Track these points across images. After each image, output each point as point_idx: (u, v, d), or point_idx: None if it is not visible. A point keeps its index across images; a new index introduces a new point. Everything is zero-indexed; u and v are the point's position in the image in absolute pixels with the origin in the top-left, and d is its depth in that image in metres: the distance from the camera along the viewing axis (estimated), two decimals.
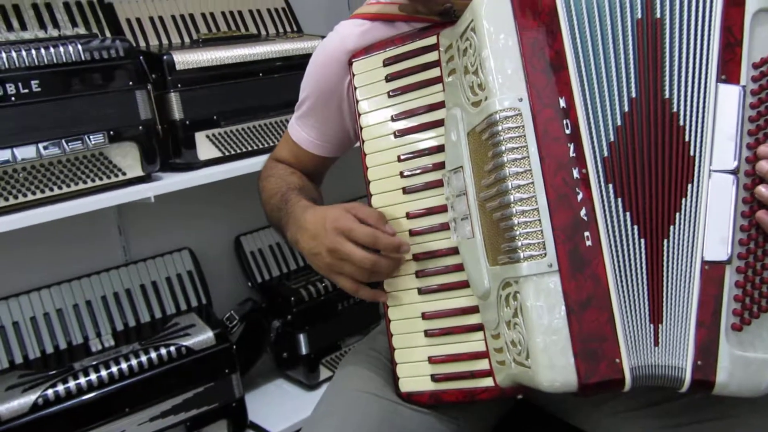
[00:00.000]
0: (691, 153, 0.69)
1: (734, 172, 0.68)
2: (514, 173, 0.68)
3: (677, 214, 0.69)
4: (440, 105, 0.82)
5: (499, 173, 0.69)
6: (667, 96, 0.69)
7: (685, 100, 0.69)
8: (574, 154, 0.68)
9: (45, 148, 1.24)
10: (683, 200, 0.69)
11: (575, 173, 0.68)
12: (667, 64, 0.69)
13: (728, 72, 0.68)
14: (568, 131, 0.68)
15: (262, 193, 1.01)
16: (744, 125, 0.68)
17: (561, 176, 0.68)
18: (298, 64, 1.61)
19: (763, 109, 0.68)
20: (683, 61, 0.69)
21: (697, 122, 0.69)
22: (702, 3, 0.69)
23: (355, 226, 0.78)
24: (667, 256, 0.69)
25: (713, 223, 0.68)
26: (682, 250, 0.69)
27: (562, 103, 0.69)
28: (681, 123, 0.69)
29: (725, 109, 0.68)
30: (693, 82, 0.69)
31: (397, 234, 0.81)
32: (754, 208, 0.67)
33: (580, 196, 0.68)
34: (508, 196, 0.68)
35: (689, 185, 0.69)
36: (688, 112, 0.69)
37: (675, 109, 0.69)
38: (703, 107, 0.69)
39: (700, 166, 0.68)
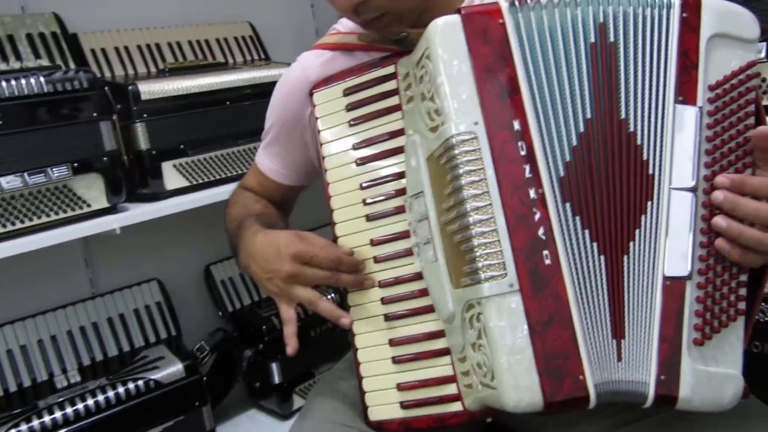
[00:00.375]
0: (650, 171, 0.70)
1: (693, 190, 0.69)
2: (472, 195, 0.69)
3: (637, 230, 0.70)
4: (400, 132, 0.82)
5: (458, 196, 0.70)
6: (623, 116, 0.71)
7: (642, 120, 0.70)
8: (530, 175, 0.69)
9: (7, 182, 1.23)
10: (643, 217, 0.70)
11: (532, 193, 0.69)
12: (623, 85, 0.71)
13: (685, 93, 0.70)
14: (523, 153, 0.69)
15: (226, 220, 1.01)
16: (701, 145, 0.69)
17: (518, 197, 0.68)
18: (265, 91, 1.59)
19: (720, 129, 0.69)
20: (639, 83, 0.71)
21: (654, 142, 0.70)
22: (657, 28, 0.71)
23: (317, 251, 0.78)
24: (628, 272, 0.70)
25: (673, 240, 0.69)
26: (643, 266, 0.69)
27: (517, 125, 0.69)
28: (638, 142, 0.70)
29: (683, 129, 0.69)
30: (650, 103, 0.70)
31: (362, 261, 0.81)
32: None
33: (537, 216, 0.68)
34: (467, 218, 0.69)
35: (649, 202, 0.70)
36: (645, 132, 0.70)
37: (632, 129, 0.70)
38: (661, 127, 0.70)
39: (659, 184, 0.70)
